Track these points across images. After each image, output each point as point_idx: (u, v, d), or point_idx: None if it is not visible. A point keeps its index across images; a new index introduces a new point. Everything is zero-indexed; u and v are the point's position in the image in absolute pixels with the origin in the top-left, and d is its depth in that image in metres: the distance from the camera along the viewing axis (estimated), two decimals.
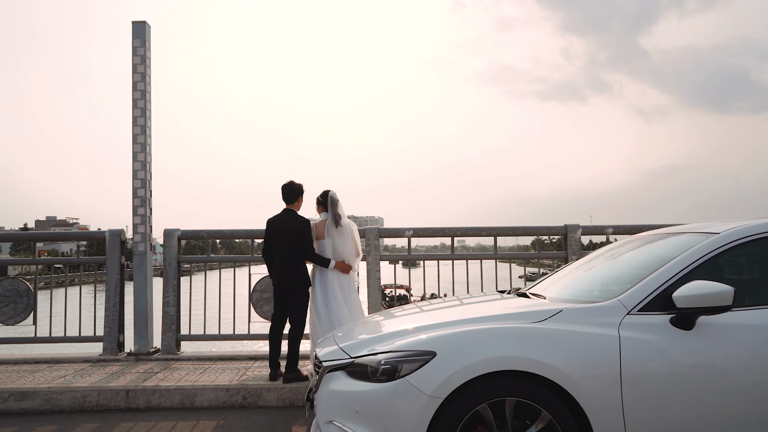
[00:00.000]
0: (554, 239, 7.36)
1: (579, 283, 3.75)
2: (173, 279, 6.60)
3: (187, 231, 6.71)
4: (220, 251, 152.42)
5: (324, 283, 5.48)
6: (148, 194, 6.61)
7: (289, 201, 5.60)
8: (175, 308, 6.55)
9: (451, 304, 4.00)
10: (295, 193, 5.57)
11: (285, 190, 5.62)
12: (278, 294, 5.54)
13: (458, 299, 4.24)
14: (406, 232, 6.67)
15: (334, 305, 5.38)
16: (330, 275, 5.48)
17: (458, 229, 6.69)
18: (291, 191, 5.59)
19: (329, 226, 5.56)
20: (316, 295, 5.47)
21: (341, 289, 5.49)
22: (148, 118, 6.66)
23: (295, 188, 5.59)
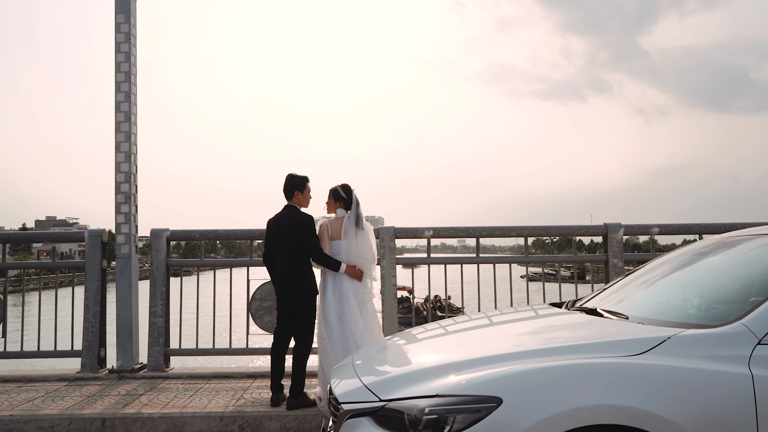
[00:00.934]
0: (555, 239, 6.56)
1: (663, 297, 2.97)
2: (161, 285, 5.82)
3: (177, 231, 5.94)
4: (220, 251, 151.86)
5: (338, 291, 4.71)
6: (133, 189, 5.83)
7: (288, 196, 4.85)
8: (163, 319, 5.77)
9: (495, 321, 3.23)
10: (292, 187, 4.82)
11: (284, 184, 4.87)
12: (281, 304, 4.77)
13: (500, 314, 3.46)
14: (426, 232, 5.89)
15: (350, 318, 4.62)
16: (345, 282, 4.71)
17: (484, 229, 5.91)
18: (288, 185, 4.84)
19: (347, 226, 4.80)
20: (327, 305, 4.70)
21: (356, 298, 4.72)
22: (133, 103, 5.88)
23: (293, 181, 4.83)
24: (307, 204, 4.87)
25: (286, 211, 4.83)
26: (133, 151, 5.86)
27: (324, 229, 4.79)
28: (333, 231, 4.81)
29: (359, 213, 4.90)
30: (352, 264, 4.75)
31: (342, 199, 4.90)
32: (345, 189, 4.92)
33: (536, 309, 3.50)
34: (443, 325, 3.47)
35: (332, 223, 4.83)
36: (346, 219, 4.85)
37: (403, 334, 3.54)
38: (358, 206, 4.93)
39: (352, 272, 4.72)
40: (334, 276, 4.73)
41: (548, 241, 7.03)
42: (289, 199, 4.85)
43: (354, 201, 4.91)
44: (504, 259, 5.97)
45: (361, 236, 4.89)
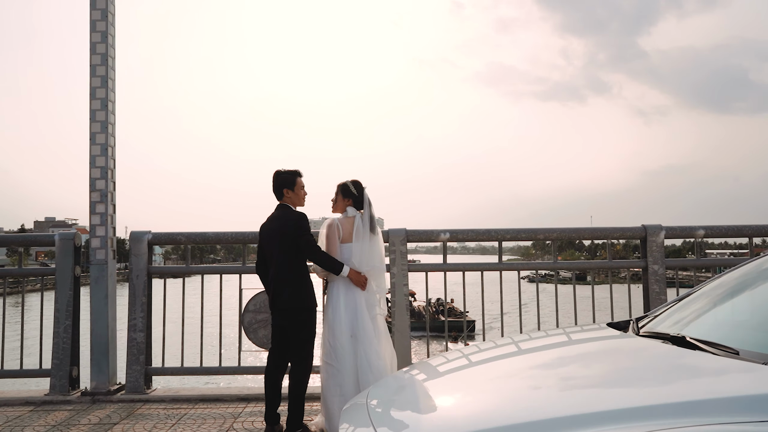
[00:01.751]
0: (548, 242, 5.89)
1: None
2: (142, 296, 5.13)
3: (160, 234, 5.25)
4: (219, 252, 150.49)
5: (351, 302, 4.05)
6: (110, 187, 5.14)
7: (278, 196, 4.21)
8: (144, 333, 5.08)
9: (547, 351, 2.54)
10: (281, 185, 4.17)
11: (272, 183, 4.22)
12: (274, 320, 4.09)
13: (546, 338, 2.79)
14: (441, 235, 5.20)
15: (364, 337, 3.96)
16: (358, 293, 4.04)
17: (507, 232, 5.22)
18: (276, 184, 4.21)
19: (359, 228, 4.14)
20: (338, 320, 4.01)
21: (370, 313, 4.06)
22: (111, 89, 5.20)
23: (280, 179, 4.19)
24: (301, 202, 4.20)
25: (277, 212, 4.16)
26: (111, 143, 5.18)
27: (334, 229, 4.11)
28: (345, 231, 4.14)
29: (372, 214, 4.25)
30: (361, 271, 4.08)
31: (352, 197, 4.23)
32: (356, 186, 4.26)
33: (595, 333, 2.81)
34: (473, 355, 2.79)
35: (344, 223, 4.17)
36: (358, 219, 4.19)
37: (425, 366, 2.85)
38: (371, 206, 4.27)
39: (356, 278, 4.05)
40: (347, 285, 4.05)
41: (548, 242, 6.46)
42: (280, 199, 4.19)
43: (366, 200, 4.25)
44: (530, 266, 5.28)
45: (374, 242, 4.24)
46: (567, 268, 5.34)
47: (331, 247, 4.07)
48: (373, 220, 4.25)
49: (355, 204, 4.24)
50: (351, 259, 4.08)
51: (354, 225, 4.16)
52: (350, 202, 4.24)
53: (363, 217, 4.21)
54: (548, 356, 2.59)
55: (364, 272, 4.07)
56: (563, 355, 2.58)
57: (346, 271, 4.01)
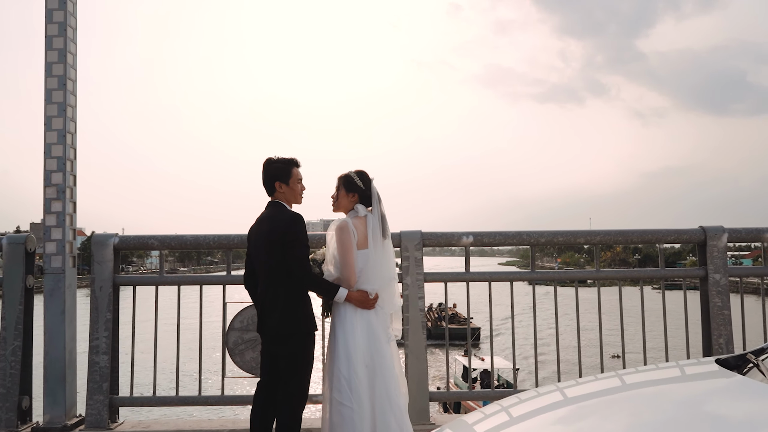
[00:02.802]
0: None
1: None
2: (106, 312, 4.29)
3: (129, 237, 4.42)
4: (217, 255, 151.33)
5: (364, 322, 3.25)
6: (69, 181, 4.32)
7: (269, 191, 3.39)
8: (108, 356, 4.25)
9: (648, 399, 1.74)
10: (272, 177, 3.35)
11: (262, 174, 3.40)
12: (265, 346, 3.28)
13: (634, 373, 1.98)
14: (464, 238, 4.38)
15: (381, 366, 3.19)
16: (371, 313, 3.25)
17: (542, 235, 4.40)
18: (267, 176, 3.38)
19: (375, 232, 3.34)
20: (352, 345, 3.20)
21: (386, 337, 3.27)
22: (71, 65, 4.38)
23: (271, 170, 3.36)
24: (297, 199, 3.39)
25: (266, 212, 3.35)
26: (70, 128, 4.35)
27: (349, 232, 3.28)
28: (360, 235, 3.32)
29: (383, 213, 3.45)
30: (370, 285, 3.26)
31: (358, 191, 3.42)
32: (362, 177, 3.44)
33: (707, 377, 1.99)
34: (530, 405, 1.99)
35: (356, 225, 3.34)
36: (370, 219, 3.37)
37: (461, 425, 2.03)
38: (381, 203, 3.47)
39: (360, 299, 3.24)
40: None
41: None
42: (272, 194, 3.37)
43: (375, 195, 3.44)
44: (569, 276, 4.45)
45: (386, 247, 3.43)
46: (614, 277, 4.50)
47: (349, 258, 3.25)
48: (385, 221, 3.44)
49: (362, 200, 3.42)
50: (365, 270, 3.27)
51: (367, 227, 3.34)
52: (356, 197, 3.42)
53: (374, 214, 3.40)
54: (649, 413, 1.77)
55: (375, 288, 3.25)
56: (674, 415, 1.75)
57: (342, 295, 3.20)
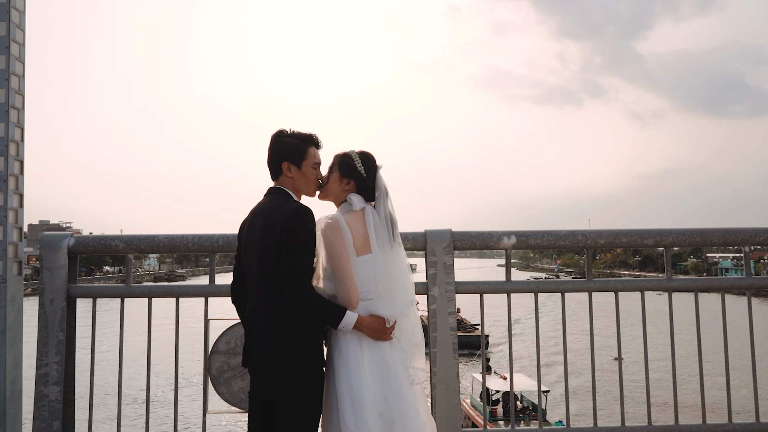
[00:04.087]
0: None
1: None
2: (58, 331, 3.43)
3: (86, 238, 3.56)
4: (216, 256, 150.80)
5: (377, 357, 2.41)
6: (14, 168, 3.47)
7: (274, 173, 2.55)
8: (60, 387, 3.39)
9: None
10: (279, 154, 2.52)
11: (268, 151, 2.55)
12: (254, 385, 2.43)
13: None
14: (504, 239, 3.52)
15: (402, 416, 2.36)
16: (385, 345, 2.40)
17: (601, 235, 3.55)
18: (274, 152, 2.54)
19: (380, 232, 2.48)
20: (360, 388, 2.35)
21: (406, 375, 2.42)
22: (16, 25, 3.53)
23: (280, 144, 2.53)
24: (310, 188, 2.57)
25: (265, 201, 2.51)
26: (16, 103, 3.50)
27: (337, 232, 2.43)
28: (356, 236, 2.46)
29: (392, 211, 2.61)
30: (387, 311, 2.40)
31: (355, 177, 2.57)
32: (365, 160, 2.60)
33: None
34: None
35: (350, 222, 2.49)
36: (371, 215, 2.52)
37: None
38: (388, 198, 2.62)
39: (375, 327, 2.39)
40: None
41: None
42: (276, 178, 2.54)
43: (381, 187, 2.59)
44: (634, 286, 3.59)
45: (398, 254, 2.57)
46: (686, 289, 3.65)
47: (345, 267, 2.39)
48: (393, 222, 2.59)
49: (360, 190, 2.57)
50: (370, 282, 2.42)
51: (367, 224, 2.48)
52: (352, 185, 2.57)
53: (378, 211, 2.54)
54: None
55: (393, 314, 2.41)
56: None
57: (350, 320, 2.34)
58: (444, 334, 3.41)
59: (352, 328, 2.30)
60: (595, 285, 3.55)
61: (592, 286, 3.55)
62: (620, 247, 3.66)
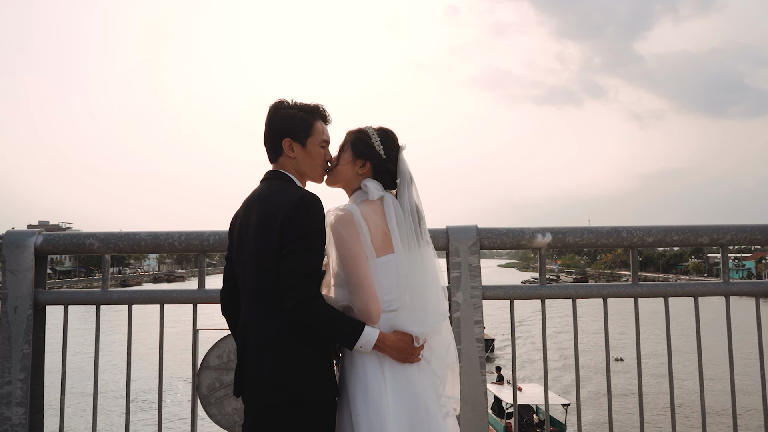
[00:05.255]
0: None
1: None
2: (23, 343, 2.97)
3: (56, 236, 3.09)
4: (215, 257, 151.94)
5: (407, 388, 1.93)
6: None
7: (271, 153, 2.08)
8: (25, 409, 2.93)
9: None
10: (278, 130, 2.05)
11: (265, 126, 2.08)
12: (247, 418, 1.97)
13: None
14: (538, 236, 3.06)
15: None
16: (412, 371, 1.92)
17: (648, 231, 3.09)
18: (272, 128, 2.07)
19: (404, 227, 2.00)
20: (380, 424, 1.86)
21: (438, 407, 1.95)
22: None
23: (279, 116, 2.06)
24: (316, 172, 2.12)
25: (262, 187, 2.05)
26: None
27: (351, 226, 1.95)
28: (374, 231, 1.99)
29: (418, 202, 2.13)
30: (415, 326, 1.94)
31: (372, 158, 2.10)
32: (384, 137, 2.14)
33: None
34: None
35: (366, 213, 2.00)
36: (391, 204, 2.04)
37: None
38: (413, 185, 2.13)
39: (400, 347, 1.92)
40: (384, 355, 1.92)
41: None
42: (274, 161, 2.07)
43: (405, 172, 2.12)
44: (688, 290, 3.12)
45: (427, 256, 2.09)
46: (746, 293, 3.18)
47: (361, 270, 1.92)
48: (420, 213, 2.12)
49: (378, 175, 2.10)
50: (394, 289, 1.96)
51: (388, 217, 2.01)
52: (368, 168, 2.10)
53: (401, 202, 2.07)
54: None
55: (423, 331, 1.94)
56: None
57: (370, 338, 1.87)
58: (469, 347, 2.95)
59: (372, 348, 1.85)
60: (643, 290, 3.08)
61: (639, 291, 3.08)
62: (671, 246, 3.20)
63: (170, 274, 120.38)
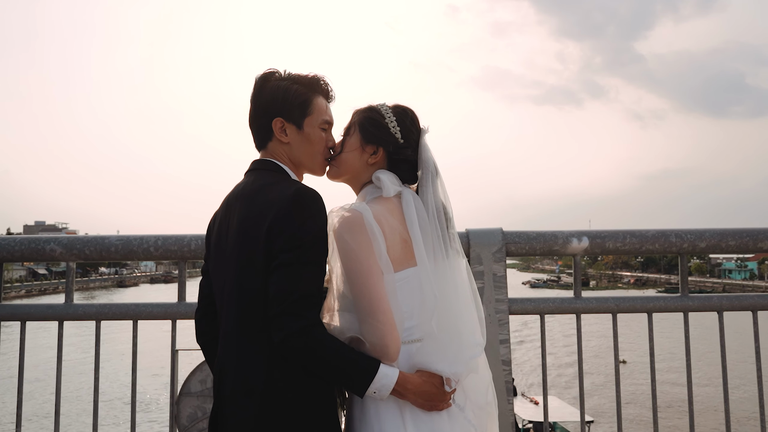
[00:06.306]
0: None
1: None
2: None
3: (10, 242, 2.62)
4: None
5: None
6: None
7: (258, 139, 1.62)
8: None
9: None
10: (264, 109, 1.60)
11: (251, 103, 1.64)
12: None
13: None
14: (574, 241, 2.63)
15: None
16: (440, 420, 1.48)
17: (701, 235, 2.66)
18: (258, 106, 1.60)
19: (428, 232, 1.54)
20: None
21: None
22: None
23: (265, 90, 1.60)
24: (316, 161, 1.66)
25: (245, 181, 1.61)
26: None
27: (365, 230, 1.50)
28: (391, 237, 1.55)
29: (444, 203, 1.69)
30: (445, 365, 1.50)
31: (387, 143, 1.65)
32: (400, 116, 1.68)
33: None
34: None
35: (383, 215, 1.55)
36: (411, 202, 1.60)
37: None
38: (439, 177, 1.68)
39: (426, 392, 1.48)
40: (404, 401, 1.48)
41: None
42: (263, 146, 1.62)
43: (428, 160, 1.67)
44: (747, 303, 2.70)
45: (458, 270, 1.66)
46: None
47: (374, 290, 1.48)
48: (448, 214, 1.68)
49: (393, 165, 1.67)
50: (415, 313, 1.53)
51: (408, 219, 1.58)
52: (380, 156, 1.66)
53: (425, 198, 1.63)
54: None
55: (456, 371, 1.50)
56: None
57: (387, 381, 1.45)
58: (495, 371, 2.52)
59: (390, 393, 1.42)
60: (694, 303, 2.66)
61: (689, 305, 2.65)
62: (726, 252, 2.78)
63: (168, 275, 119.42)
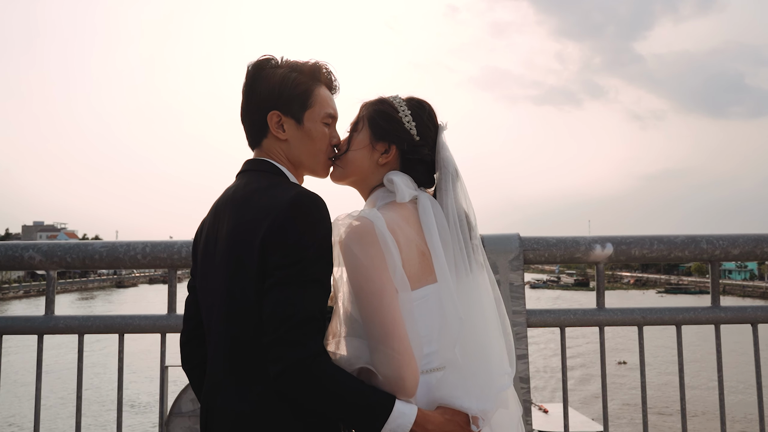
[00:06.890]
0: None
1: None
2: None
3: None
4: None
5: None
6: None
7: (254, 133, 1.39)
8: None
9: None
10: (261, 101, 1.37)
11: (243, 95, 1.42)
12: None
13: None
14: (597, 248, 2.42)
15: None
16: None
17: (734, 242, 2.46)
18: (248, 100, 1.39)
19: (447, 242, 1.32)
20: None
21: None
22: None
23: (262, 81, 1.38)
24: (318, 159, 1.43)
25: (238, 186, 1.39)
26: None
27: (376, 241, 1.27)
28: (407, 248, 1.32)
29: (466, 210, 1.47)
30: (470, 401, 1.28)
31: (401, 140, 1.42)
32: (416, 109, 1.47)
33: None
34: None
35: (396, 223, 1.32)
36: (429, 209, 1.37)
37: None
38: (460, 179, 1.45)
39: (444, 431, 1.25)
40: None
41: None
42: (257, 144, 1.39)
43: (447, 160, 1.44)
44: None
45: (479, 276, 1.41)
46: None
47: (388, 312, 1.25)
48: (471, 223, 1.47)
49: (407, 165, 1.45)
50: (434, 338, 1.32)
51: (426, 229, 1.36)
52: (393, 156, 1.44)
53: (445, 204, 1.41)
54: None
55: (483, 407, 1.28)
56: None
57: (405, 421, 1.21)
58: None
59: (411, 425, 1.20)
60: (726, 315, 2.46)
61: (721, 317, 2.45)
62: (761, 260, 2.58)
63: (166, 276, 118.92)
